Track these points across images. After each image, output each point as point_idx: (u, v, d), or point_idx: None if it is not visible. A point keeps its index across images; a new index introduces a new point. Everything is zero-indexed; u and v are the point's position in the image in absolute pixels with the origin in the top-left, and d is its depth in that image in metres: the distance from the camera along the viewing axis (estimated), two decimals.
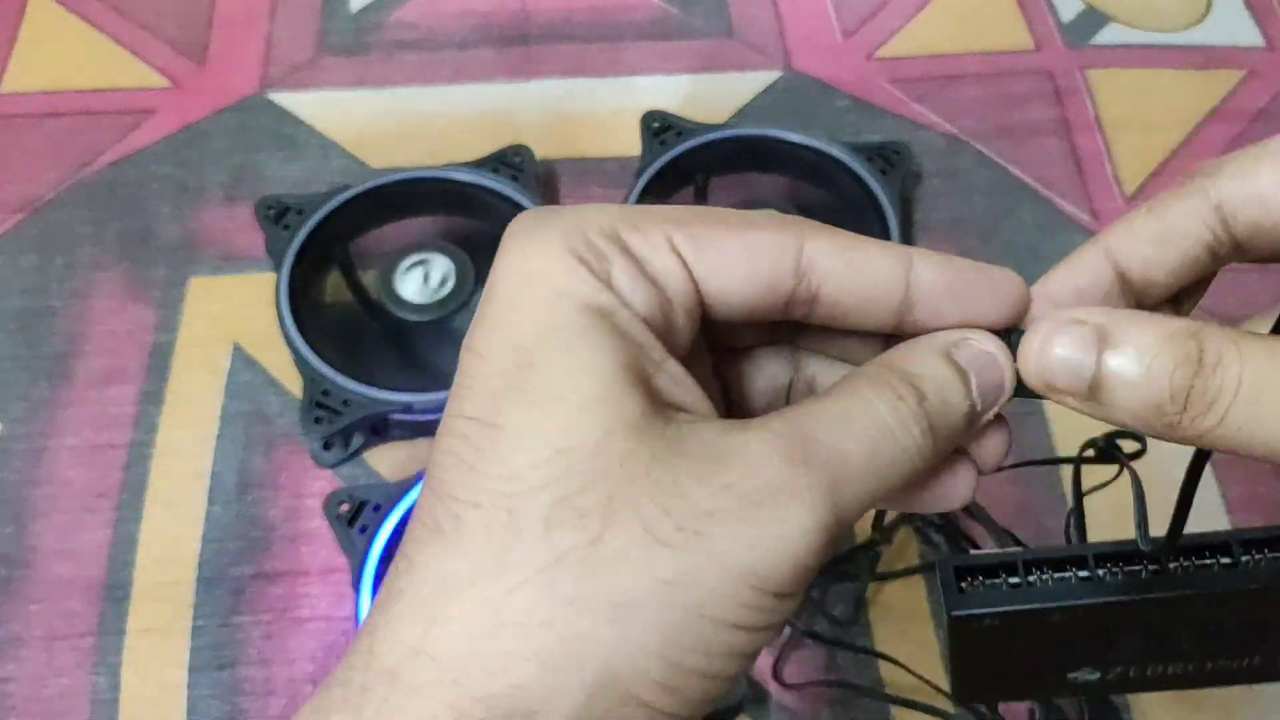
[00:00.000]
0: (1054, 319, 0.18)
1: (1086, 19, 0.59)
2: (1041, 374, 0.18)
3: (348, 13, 0.60)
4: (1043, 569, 0.22)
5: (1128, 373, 0.18)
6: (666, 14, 0.60)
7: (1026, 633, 0.23)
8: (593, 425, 0.16)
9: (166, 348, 0.48)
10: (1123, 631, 0.23)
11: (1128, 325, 0.18)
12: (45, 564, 0.43)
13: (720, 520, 0.16)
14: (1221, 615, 0.23)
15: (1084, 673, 0.24)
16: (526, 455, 0.16)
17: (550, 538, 0.15)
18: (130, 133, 0.55)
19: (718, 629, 0.16)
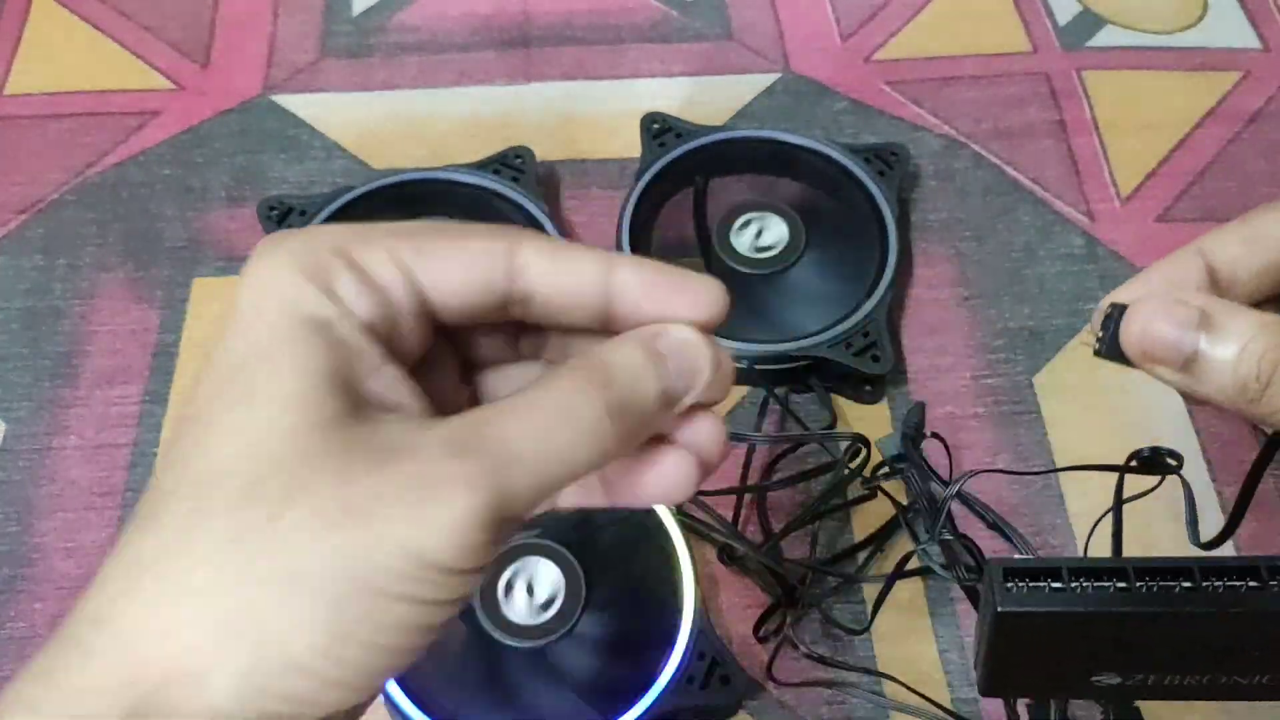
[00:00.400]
0: (1161, 298, 0.22)
1: (1083, 21, 0.60)
2: (1143, 344, 0.22)
3: (350, 15, 0.60)
4: (1085, 577, 0.24)
5: (1223, 352, 0.21)
6: (666, 16, 0.60)
7: (1060, 635, 0.25)
8: (283, 422, 0.18)
9: (170, 348, 0.48)
10: (1148, 641, 0.25)
11: (1228, 311, 0.21)
12: (49, 563, 0.43)
13: (386, 503, 0.17)
14: (1242, 634, 0.24)
15: (1107, 677, 0.26)
16: (224, 448, 0.18)
17: (232, 517, 0.17)
18: (134, 134, 0.55)
19: (386, 601, 0.17)
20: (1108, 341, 0.23)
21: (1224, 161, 0.54)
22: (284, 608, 0.17)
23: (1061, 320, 0.49)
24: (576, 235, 0.52)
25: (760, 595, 0.42)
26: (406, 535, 0.17)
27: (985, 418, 0.47)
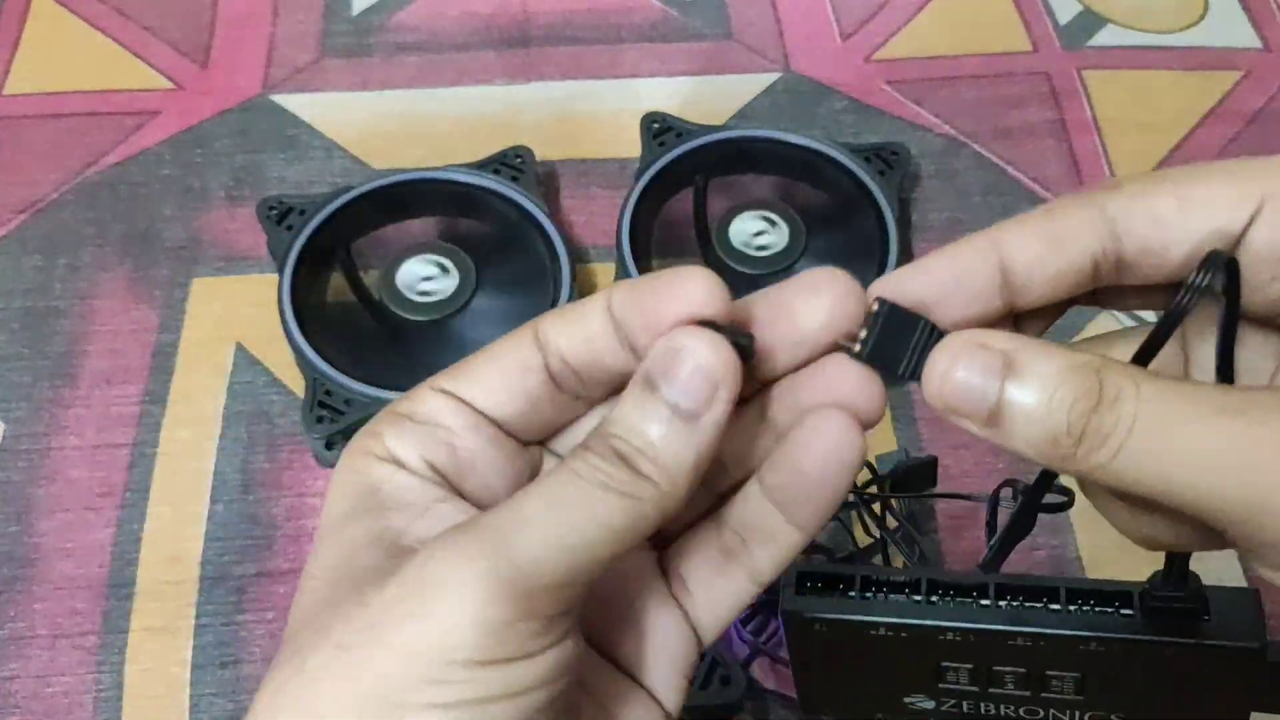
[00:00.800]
0: (959, 341, 0.19)
1: (1083, 21, 0.60)
2: (944, 396, 0.19)
3: (349, 15, 0.60)
4: (880, 588, 0.24)
5: (1028, 403, 0.18)
6: (666, 16, 0.60)
7: (858, 647, 0.24)
8: (320, 590, 0.19)
9: (169, 348, 0.48)
10: (951, 661, 0.24)
11: (1032, 354, 0.18)
12: (49, 563, 0.43)
13: (391, 612, 0.17)
14: (1042, 660, 0.23)
15: (919, 699, 0.25)
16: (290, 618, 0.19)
17: (272, 676, 0.18)
18: (133, 134, 0.55)
19: (417, 712, 0.17)
20: (871, 345, 0.19)
21: None
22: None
23: (1062, 320, 0.49)
24: (577, 235, 0.52)
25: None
26: (410, 635, 0.17)
27: None
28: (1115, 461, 0.17)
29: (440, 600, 0.17)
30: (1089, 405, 0.17)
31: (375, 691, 0.17)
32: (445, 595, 0.17)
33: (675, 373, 0.18)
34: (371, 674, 0.17)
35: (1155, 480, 0.17)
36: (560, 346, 0.19)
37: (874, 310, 0.19)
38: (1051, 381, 0.18)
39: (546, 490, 0.18)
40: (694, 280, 0.18)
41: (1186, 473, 0.17)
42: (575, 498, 0.18)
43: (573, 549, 0.17)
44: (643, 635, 0.21)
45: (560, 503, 0.18)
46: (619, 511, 0.18)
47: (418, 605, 0.17)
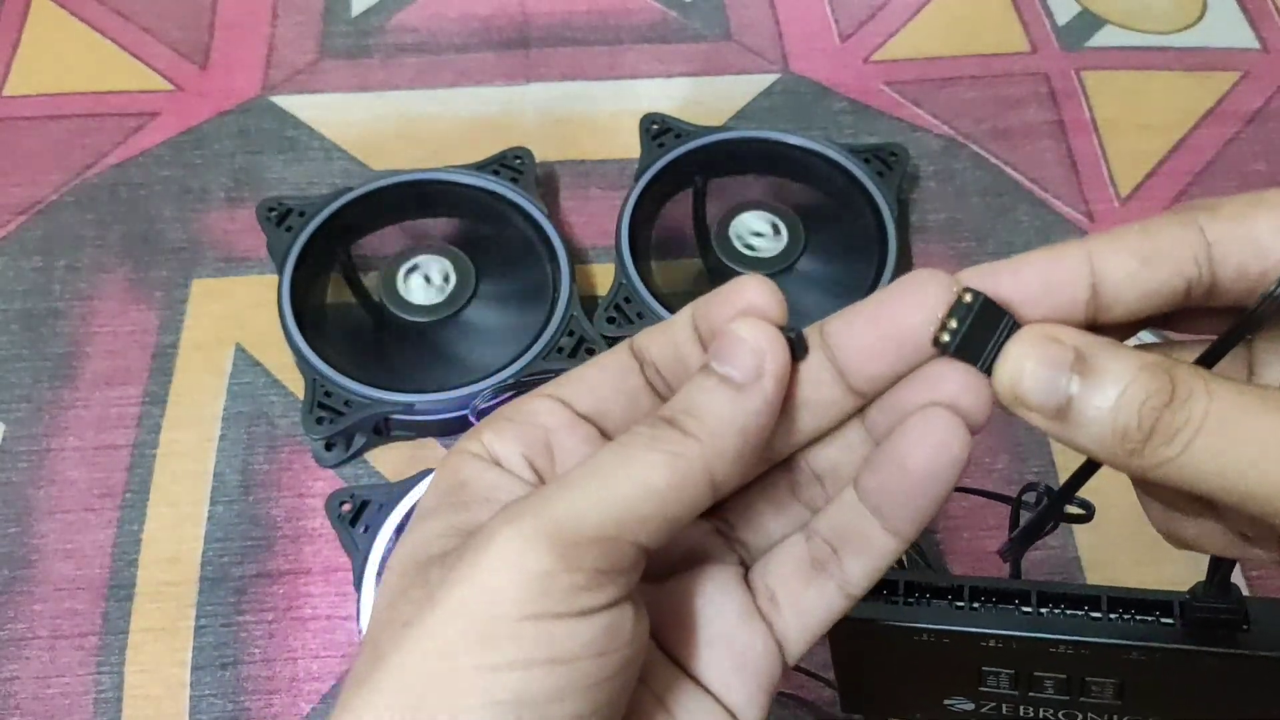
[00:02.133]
0: (1034, 335, 0.19)
1: (1082, 22, 0.60)
2: (1014, 389, 0.18)
3: (349, 16, 0.60)
4: (925, 593, 0.24)
5: (1100, 399, 0.18)
6: (665, 17, 0.60)
7: (900, 650, 0.24)
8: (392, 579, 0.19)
9: (169, 349, 0.48)
10: (992, 666, 0.24)
11: (1105, 352, 0.18)
12: (49, 564, 0.43)
13: (446, 581, 0.18)
14: (1083, 667, 0.23)
15: (959, 701, 0.25)
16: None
17: (354, 670, 0.18)
18: (133, 135, 0.55)
19: (470, 675, 0.17)
20: (961, 337, 0.19)
21: (1223, 162, 0.54)
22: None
23: None
24: (576, 235, 0.52)
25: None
26: (463, 596, 0.17)
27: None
28: (1182, 457, 0.18)
29: (484, 559, 0.17)
30: (1161, 402, 0.18)
31: (431, 657, 0.17)
32: (489, 554, 0.17)
33: (727, 351, 0.19)
34: (429, 640, 0.17)
35: (1219, 477, 0.18)
36: (653, 356, 0.21)
37: (966, 301, 0.19)
38: (1124, 378, 0.18)
39: (593, 459, 0.18)
40: (748, 284, 0.20)
41: (1252, 469, 0.17)
42: (616, 460, 0.18)
43: (612, 502, 0.18)
44: (724, 651, 0.20)
45: (601, 465, 0.18)
46: (660, 467, 0.18)
47: (468, 569, 0.17)
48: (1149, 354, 0.19)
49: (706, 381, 0.19)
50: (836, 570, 0.20)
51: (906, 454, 0.19)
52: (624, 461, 0.18)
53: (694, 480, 0.18)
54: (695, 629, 0.21)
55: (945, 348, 0.19)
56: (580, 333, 0.45)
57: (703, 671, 0.20)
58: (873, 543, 0.20)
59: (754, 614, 0.21)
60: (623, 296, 0.46)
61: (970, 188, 0.54)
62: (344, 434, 0.44)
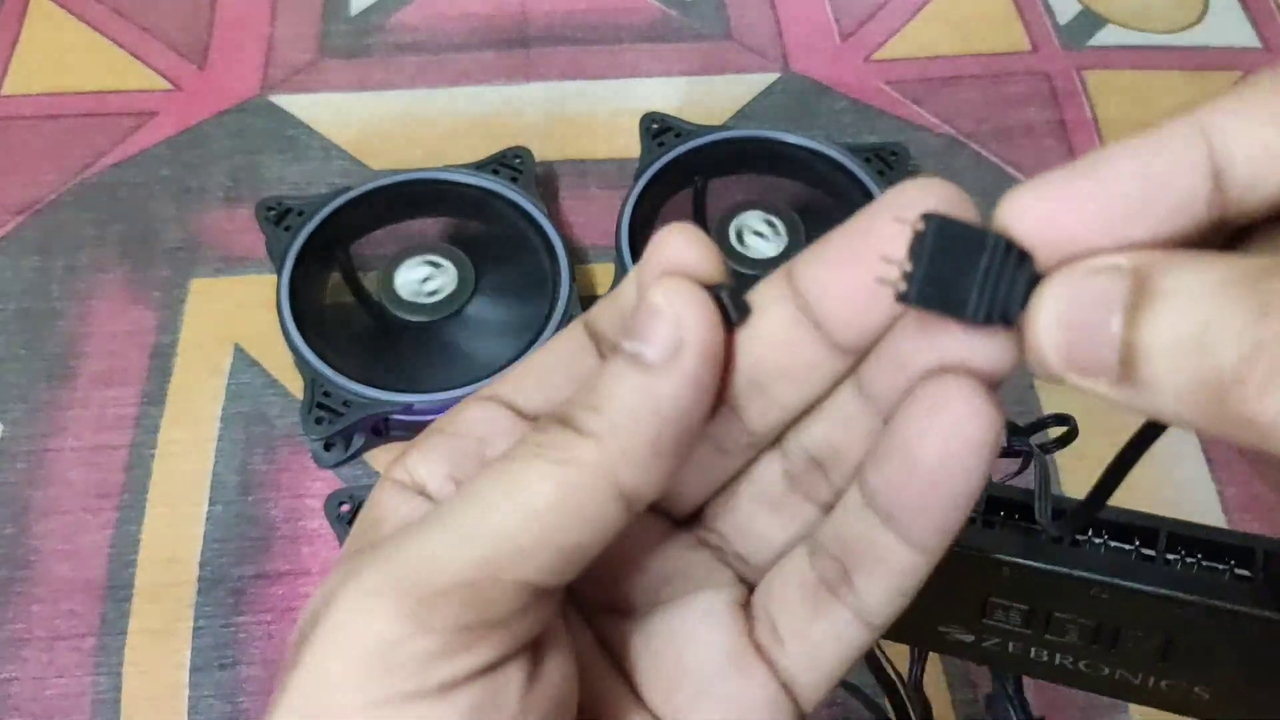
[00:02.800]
0: (1073, 268, 0.13)
1: (1083, 21, 0.60)
2: (1059, 348, 0.13)
3: (348, 15, 0.60)
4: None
5: (1173, 335, 0.12)
6: (665, 16, 0.60)
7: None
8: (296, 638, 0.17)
9: (167, 349, 0.48)
10: (1002, 599, 0.19)
11: (1175, 268, 0.12)
12: (47, 565, 0.43)
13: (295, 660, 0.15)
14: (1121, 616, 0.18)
15: (955, 631, 0.20)
16: None
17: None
18: (131, 135, 0.55)
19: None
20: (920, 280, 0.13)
21: None
22: None
23: None
24: (576, 235, 0.52)
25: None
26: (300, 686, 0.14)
27: None
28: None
29: (320, 633, 0.14)
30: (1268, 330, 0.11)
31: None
32: (325, 625, 0.14)
33: (638, 325, 0.15)
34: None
35: None
36: (603, 329, 0.17)
37: (919, 230, 0.14)
38: (1206, 302, 0.12)
39: (469, 482, 0.15)
40: (670, 237, 0.15)
41: None
42: (490, 481, 0.14)
43: (476, 536, 0.14)
44: (714, 703, 0.16)
45: (473, 491, 0.14)
46: (542, 481, 0.14)
47: (308, 649, 0.14)
48: (1244, 259, 0.12)
49: (614, 364, 0.15)
50: (850, 594, 0.16)
51: (914, 442, 0.14)
52: (499, 481, 0.14)
53: (590, 494, 0.14)
54: (679, 676, 0.16)
55: (904, 298, 0.14)
56: None
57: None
58: (889, 558, 0.15)
59: (749, 654, 0.16)
60: None
61: (971, 187, 0.53)
62: (343, 434, 0.44)
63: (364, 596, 0.14)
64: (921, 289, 0.14)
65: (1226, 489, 0.45)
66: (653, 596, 0.17)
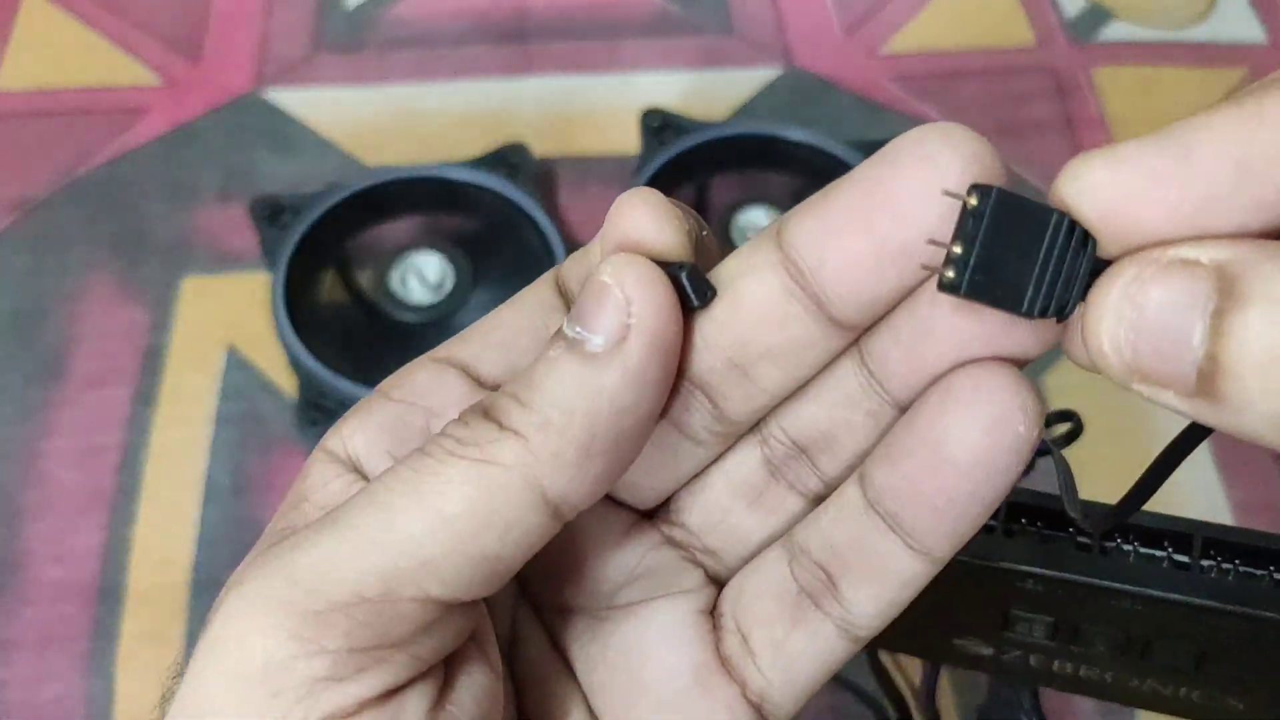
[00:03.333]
0: (1146, 259, 0.11)
1: (1090, 16, 0.59)
2: (1124, 353, 0.11)
3: (343, 10, 0.59)
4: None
5: (1267, 346, 0.10)
6: (666, 10, 0.59)
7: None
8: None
9: (160, 348, 0.48)
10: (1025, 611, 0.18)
11: (1270, 264, 0.10)
12: (38, 567, 0.42)
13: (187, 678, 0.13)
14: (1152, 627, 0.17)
15: (973, 643, 0.19)
16: None
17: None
18: (124, 132, 0.54)
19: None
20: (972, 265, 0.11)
21: None
22: None
23: None
24: (574, 233, 0.51)
25: None
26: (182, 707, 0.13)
27: None
28: None
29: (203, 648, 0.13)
30: None
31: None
32: (207, 640, 0.12)
33: (582, 306, 0.13)
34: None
35: None
36: (572, 289, 0.15)
37: (970, 206, 0.12)
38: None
39: (376, 479, 0.13)
40: (627, 203, 0.14)
41: None
42: (399, 480, 0.13)
43: (376, 543, 0.12)
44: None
45: (381, 490, 0.13)
46: (457, 484, 0.12)
47: (191, 664, 0.13)
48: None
49: (551, 349, 0.13)
50: (834, 604, 0.14)
51: (946, 438, 0.12)
52: (409, 481, 0.13)
53: (510, 500, 0.12)
54: (638, 691, 0.15)
55: (953, 288, 0.12)
56: None
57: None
58: (888, 565, 0.14)
59: (716, 672, 0.15)
60: None
61: None
62: None
63: (247, 608, 0.12)
64: (972, 277, 0.12)
65: (1234, 491, 0.44)
66: (612, 598, 0.15)
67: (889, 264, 0.12)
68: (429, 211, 0.50)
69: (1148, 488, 0.16)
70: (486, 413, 0.13)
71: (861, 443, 0.14)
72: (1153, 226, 0.11)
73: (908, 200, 0.12)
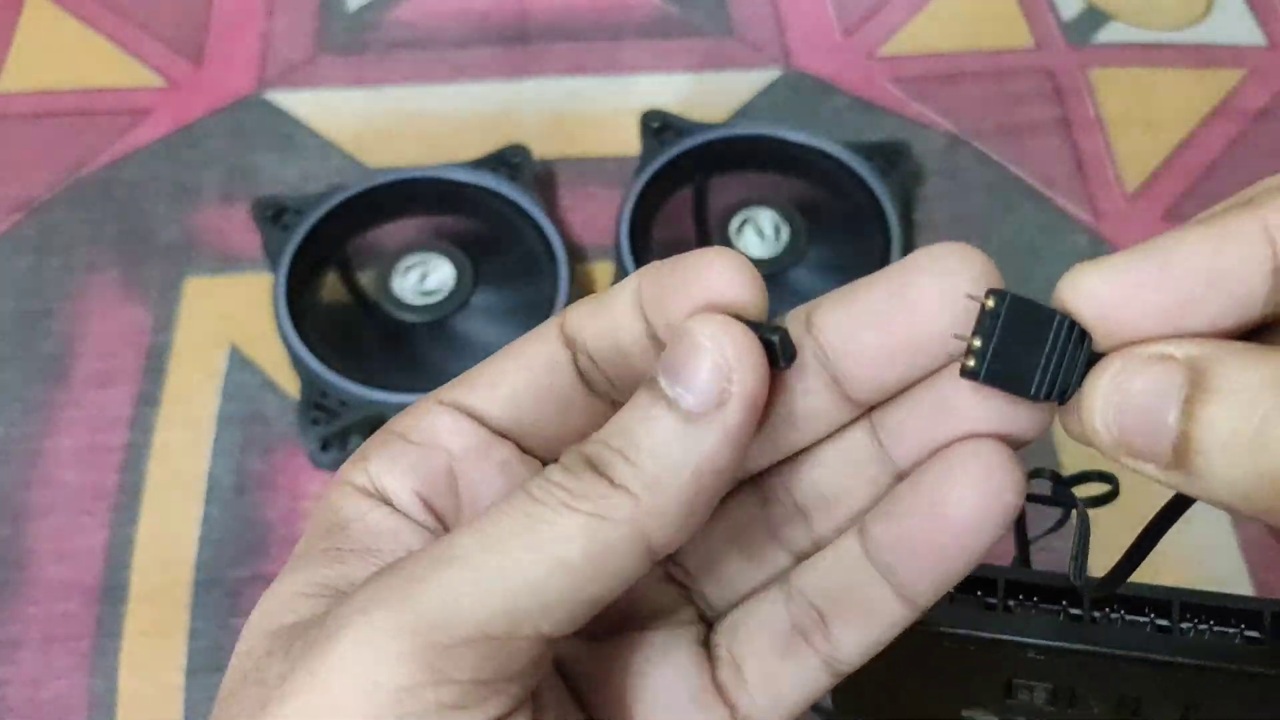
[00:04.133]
0: (1131, 354, 0.13)
1: (1087, 17, 0.59)
2: (1111, 428, 0.14)
3: (345, 12, 0.59)
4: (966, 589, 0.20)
5: (1229, 429, 0.13)
6: (666, 13, 0.59)
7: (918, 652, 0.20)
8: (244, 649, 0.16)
9: (163, 349, 0.48)
10: (1026, 679, 0.20)
11: (1230, 361, 0.13)
12: (41, 566, 0.43)
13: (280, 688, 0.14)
14: (1142, 687, 0.19)
15: (978, 714, 0.21)
16: None
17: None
18: (126, 133, 0.54)
19: None
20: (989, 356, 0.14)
21: (1231, 159, 0.54)
22: None
23: None
24: (575, 234, 0.51)
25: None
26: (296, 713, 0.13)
27: None
28: None
29: (325, 665, 0.13)
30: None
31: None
32: (331, 658, 0.13)
33: (678, 364, 0.14)
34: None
35: None
36: (586, 341, 0.16)
37: (988, 307, 0.14)
38: (1263, 398, 0.12)
39: (485, 519, 0.14)
40: (716, 262, 0.15)
41: None
42: (514, 524, 0.14)
43: (505, 588, 0.13)
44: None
45: (494, 532, 0.14)
46: (577, 535, 0.14)
47: (306, 677, 0.13)
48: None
49: (651, 406, 0.14)
50: (823, 641, 0.16)
51: (945, 502, 0.14)
52: (526, 527, 0.14)
53: (622, 550, 0.14)
54: (639, 712, 0.16)
55: (973, 375, 0.14)
56: None
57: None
58: (877, 610, 0.15)
59: (712, 695, 0.16)
60: None
61: (974, 185, 0.53)
62: (340, 435, 0.44)
63: (378, 636, 0.13)
64: (990, 366, 0.14)
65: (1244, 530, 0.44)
66: (614, 625, 0.17)
67: (903, 356, 0.15)
68: (430, 212, 0.50)
69: (1136, 557, 0.17)
70: (593, 466, 0.14)
71: (856, 506, 0.16)
72: (1138, 326, 0.14)
73: (926, 304, 0.15)
